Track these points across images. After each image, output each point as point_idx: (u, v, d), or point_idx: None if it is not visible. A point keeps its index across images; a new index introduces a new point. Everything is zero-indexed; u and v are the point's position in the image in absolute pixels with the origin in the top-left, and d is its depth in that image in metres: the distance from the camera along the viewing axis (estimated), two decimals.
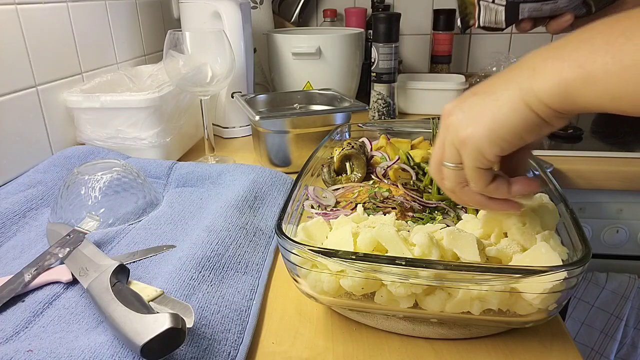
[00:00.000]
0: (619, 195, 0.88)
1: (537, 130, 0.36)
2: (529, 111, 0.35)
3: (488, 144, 0.37)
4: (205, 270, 0.51)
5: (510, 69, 0.38)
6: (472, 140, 0.37)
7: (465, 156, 0.38)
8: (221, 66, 0.82)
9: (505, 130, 0.36)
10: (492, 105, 0.36)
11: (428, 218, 0.58)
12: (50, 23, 0.83)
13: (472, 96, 0.39)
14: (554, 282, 0.38)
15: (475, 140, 0.37)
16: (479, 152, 0.37)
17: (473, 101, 0.38)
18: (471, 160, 0.38)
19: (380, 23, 1.03)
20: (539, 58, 0.35)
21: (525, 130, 0.36)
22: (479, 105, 0.37)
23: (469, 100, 0.39)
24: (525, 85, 0.35)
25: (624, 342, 0.96)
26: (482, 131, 0.37)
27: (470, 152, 0.38)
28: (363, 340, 0.45)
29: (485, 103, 0.37)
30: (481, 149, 0.37)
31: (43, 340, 0.42)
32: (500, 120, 0.36)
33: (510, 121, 0.36)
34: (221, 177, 0.74)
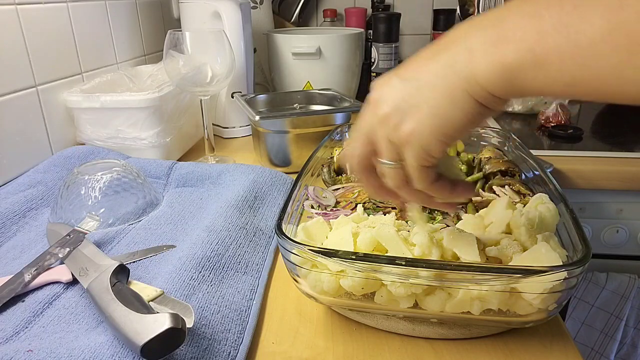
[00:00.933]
0: (619, 195, 0.88)
1: (480, 119, 0.33)
2: (472, 101, 0.32)
3: (434, 142, 0.33)
4: (205, 270, 0.51)
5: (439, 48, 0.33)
6: (416, 138, 0.34)
7: (409, 155, 0.35)
8: (221, 66, 0.82)
9: (450, 125, 0.33)
10: (430, 96, 0.33)
11: (428, 218, 0.58)
12: (50, 23, 0.83)
13: (403, 82, 0.34)
14: (554, 282, 0.38)
15: (419, 139, 0.33)
16: (424, 150, 0.34)
17: (406, 90, 0.34)
18: (416, 159, 0.35)
19: (380, 23, 1.03)
20: (475, 37, 0.31)
21: (470, 121, 0.33)
22: (415, 95, 0.33)
23: (400, 89, 0.34)
24: (464, 72, 0.31)
25: (624, 342, 0.96)
26: (426, 128, 0.33)
27: (415, 151, 0.34)
28: (363, 340, 0.45)
29: (421, 94, 0.33)
30: (427, 148, 0.34)
31: (43, 340, 0.42)
32: (444, 115, 0.32)
33: (454, 115, 0.32)
34: (221, 177, 0.74)
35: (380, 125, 0.35)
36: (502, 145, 0.72)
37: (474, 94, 0.31)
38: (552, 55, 0.27)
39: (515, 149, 0.68)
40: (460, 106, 0.32)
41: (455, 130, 0.33)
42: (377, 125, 0.36)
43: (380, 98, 0.35)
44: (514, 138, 0.69)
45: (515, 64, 0.29)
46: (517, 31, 0.28)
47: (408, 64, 0.35)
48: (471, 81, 0.31)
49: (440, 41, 0.34)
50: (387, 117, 0.34)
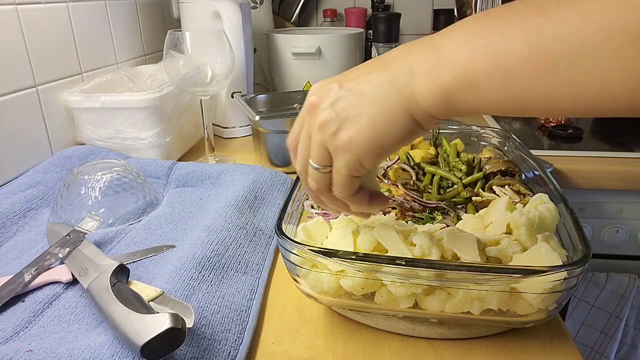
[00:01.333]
0: (619, 195, 0.88)
1: (414, 137, 0.35)
2: (410, 119, 0.33)
3: (369, 154, 0.35)
4: (205, 270, 0.51)
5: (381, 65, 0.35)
6: (352, 148, 0.34)
7: (341, 163, 0.36)
8: (221, 66, 0.82)
9: (387, 140, 0.34)
10: (370, 110, 0.34)
11: (428, 218, 0.58)
12: (50, 23, 0.83)
13: (344, 91, 0.35)
14: (554, 282, 0.38)
15: (356, 149, 0.34)
16: (358, 161, 0.35)
17: (347, 100, 0.35)
18: (348, 169, 0.36)
19: (380, 23, 1.03)
20: (416, 59, 0.33)
21: (405, 137, 0.34)
22: (355, 106, 0.34)
23: (340, 97, 0.35)
24: (406, 91, 0.33)
25: (624, 342, 0.96)
26: (363, 140, 0.34)
27: (348, 160, 0.35)
28: (363, 340, 0.45)
29: (362, 105, 0.34)
30: (361, 159, 0.35)
31: (43, 340, 0.42)
32: (382, 130, 0.34)
33: (392, 131, 0.34)
34: (221, 177, 0.74)
35: (318, 131, 0.36)
36: (502, 145, 0.72)
37: (413, 113, 0.33)
38: (482, 78, 0.30)
39: (515, 149, 0.68)
40: (399, 123, 0.34)
41: (390, 144, 0.35)
42: (315, 130, 0.36)
43: (320, 103, 0.36)
44: (514, 138, 0.69)
45: (451, 87, 0.31)
46: (452, 57, 0.31)
47: (349, 74, 0.36)
48: (412, 101, 0.33)
49: (381, 58, 0.36)
50: (325, 123, 0.35)
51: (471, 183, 0.64)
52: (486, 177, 0.64)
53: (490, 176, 0.64)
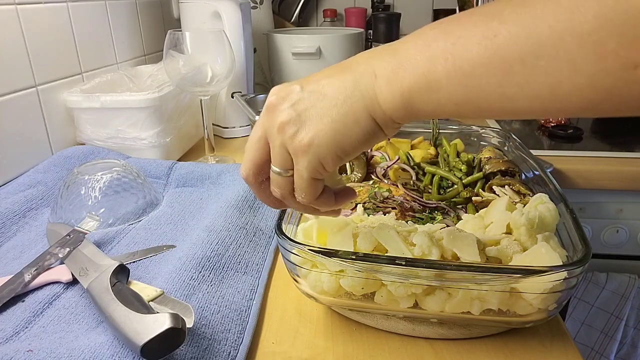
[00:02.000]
0: (619, 195, 0.88)
1: (374, 141, 0.35)
2: (372, 122, 0.34)
3: (331, 157, 0.34)
4: (205, 270, 0.51)
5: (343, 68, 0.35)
6: (313, 150, 0.34)
7: (303, 166, 0.35)
8: (221, 66, 0.82)
9: (348, 142, 0.34)
10: (332, 111, 0.33)
11: (428, 218, 0.58)
12: (50, 23, 0.83)
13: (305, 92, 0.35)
14: (554, 282, 0.38)
15: (317, 150, 0.34)
16: (319, 163, 0.35)
17: (309, 101, 0.34)
18: (309, 171, 0.35)
19: (380, 23, 1.03)
20: (378, 62, 0.33)
21: (367, 140, 0.34)
22: (317, 107, 0.34)
23: (302, 99, 0.35)
24: (369, 94, 0.33)
25: (624, 342, 0.96)
26: (324, 141, 0.34)
27: (309, 163, 0.35)
28: (363, 340, 0.45)
29: (324, 107, 0.34)
30: (323, 161, 0.34)
31: (43, 340, 0.42)
32: (345, 132, 0.33)
33: (354, 132, 0.34)
34: (221, 177, 0.74)
35: (278, 132, 0.35)
36: (502, 145, 0.72)
37: (376, 116, 0.33)
38: (441, 80, 0.30)
39: (515, 149, 0.68)
40: (362, 125, 0.34)
41: (352, 147, 0.34)
42: (274, 131, 0.35)
43: (280, 105, 0.35)
44: (514, 138, 0.69)
45: (412, 89, 0.31)
46: (412, 60, 0.31)
47: (311, 77, 0.36)
48: (374, 103, 0.33)
49: (343, 63, 0.36)
50: (285, 124, 0.34)
51: (471, 183, 0.64)
52: (486, 177, 0.64)
53: (490, 176, 0.64)
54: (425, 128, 0.78)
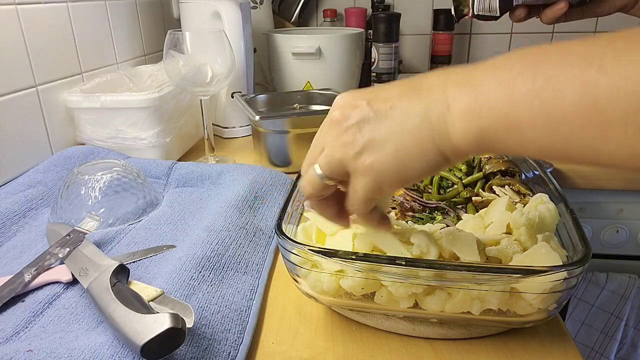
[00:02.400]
0: (619, 195, 0.88)
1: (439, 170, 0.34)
2: (438, 154, 0.32)
3: (389, 182, 0.34)
4: (205, 270, 0.51)
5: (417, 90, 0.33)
6: (373, 174, 0.33)
7: (360, 185, 0.35)
8: (221, 66, 0.82)
9: (410, 171, 0.33)
10: (397, 138, 0.32)
11: (428, 218, 0.58)
12: (50, 23, 0.83)
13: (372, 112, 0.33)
14: (554, 282, 0.38)
15: (376, 176, 0.33)
16: (377, 186, 0.34)
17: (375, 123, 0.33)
18: (365, 192, 0.35)
19: (380, 23, 1.03)
20: (453, 93, 0.31)
21: (430, 171, 0.33)
22: (382, 131, 0.33)
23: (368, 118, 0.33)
24: (439, 126, 0.31)
25: (624, 342, 0.96)
26: (386, 168, 0.33)
27: (367, 184, 0.34)
28: (363, 340, 0.45)
29: (389, 132, 0.33)
30: (381, 185, 0.34)
31: (43, 340, 0.42)
32: (407, 161, 0.32)
33: (417, 163, 0.32)
34: (221, 177, 0.74)
35: (339, 147, 0.34)
36: None
37: (443, 148, 0.32)
38: (525, 123, 0.28)
39: None
40: (427, 157, 0.32)
41: (414, 176, 0.34)
42: (336, 146, 0.35)
43: (345, 120, 0.34)
44: None
45: (489, 128, 0.29)
46: (492, 97, 0.29)
47: (380, 93, 0.35)
48: (444, 137, 0.31)
49: (416, 83, 0.34)
50: (348, 144, 0.34)
51: (471, 183, 0.64)
52: (486, 177, 0.64)
53: (490, 176, 0.64)
54: None
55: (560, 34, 1.46)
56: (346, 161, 0.34)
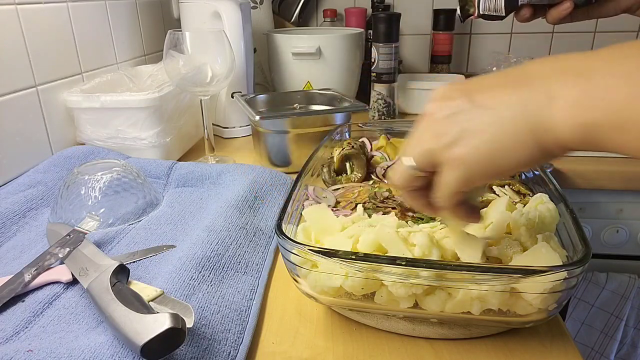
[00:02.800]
0: (619, 195, 0.88)
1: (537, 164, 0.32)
2: (537, 147, 0.30)
3: (480, 175, 0.32)
4: (205, 270, 0.51)
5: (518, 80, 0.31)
6: (464, 167, 0.32)
7: (449, 177, 0.34)
8: (221, 66, 0.82)
9: (504, 163, 0.31)
10: (493, 128, 0.31)
11: (428, 218, 0.58)
12: (50, 23, 0.83)
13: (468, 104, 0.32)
14: (554, 282, 0.38)
15: (468, 167, 0.32)
16: (467, 179, 0.33)
17: (470, 114, 0.32)
18: (455, 184, 0.34)
19: (380, 23, 1.03)
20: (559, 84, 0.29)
21: (526, 164, 0.31)
22: (476, 122, 0.32)
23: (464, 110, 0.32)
24: (538, 118, 0.29)
25: (624, 342, 0.96)
26: (477, 161, 0.32)
27: (457, 177, 0.33)
28: (363, 340, 0.45)
29: (484, 122, 0.31)
30: (472, 178, 0.33)
31: (43, 340, 0.42)
32: (502, 154, 0.31)
33: (513, 155, 0.31)
34: (221, 177, 0.74)
35: (431, 138, 0.34)
36: None
37: (542, 141, 0.30)
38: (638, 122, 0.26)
39: None
40: (523, 149, 0.30)
41: (507, 169, 0.32)
42: (428, 136, 0.34)
43: (439, 112, 0.33)
44: None
45: (599, 124, 0.27)
46: (605, 92, 0.27)
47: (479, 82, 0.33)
48: (546, 130, 0.29)
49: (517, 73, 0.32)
50: (442, 134, 0.33)
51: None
52: None
53: None
54: None
55: (560, 34, 1.46)
56: (437, 152, 0.33)
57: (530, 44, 1.49)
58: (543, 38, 1.48)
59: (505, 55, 1.31)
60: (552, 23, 0.66)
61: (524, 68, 0.32)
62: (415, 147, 0.35)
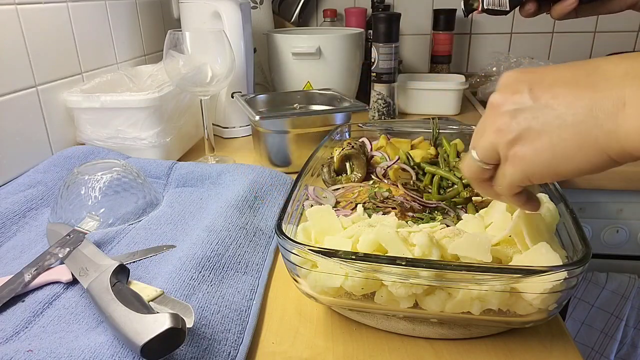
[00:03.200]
0: (619, 195, 0.88)
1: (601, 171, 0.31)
2: (601, 155, 0.29)
3: (540, 175, 0.32)
4: (205, 270, 0.51)
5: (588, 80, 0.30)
6: (524, 166, 0.32)
7: (509, 172, 0.34)
8: (221, 66, 0.82)
9: (565, 168, 0.31)
10: (556, 132, 0.30)
11: (428, 218, 0.58)
12: (50, 23, 0.83)
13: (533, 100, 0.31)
14: (554, 282, 0.38)
15: (528, 167, 0.32)
16: (527, 177, 0.33)
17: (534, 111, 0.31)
18: (513, 179, 0.34)
19: (380, 23, 1.03)
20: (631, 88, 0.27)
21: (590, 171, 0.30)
22: (540, 120, 0.31)
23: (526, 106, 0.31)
24: (607, 125, 0.28)
25: (624, 342, 0.96)
26: (538, 161, 0.31)
27: (517, 173, 0.33)
28: (363, 340, 0.45)
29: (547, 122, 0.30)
30: (531, 177, 0.33)
31: (43, 340, 0.42)
32: (564, 158, 0.30)
33: (575, 162, 0.30)
34: (221, 177, 0.74)
35: (494, 132, 0.33)
36: None
37: (609, 150, 0.29)
38: None
39: None
40: (586, 156, 0.29)
41: (568, 173, 0.31)
42: (490, 131, 0.34)
43: (503, 105, 0.33)
44: None
45: None
46: None
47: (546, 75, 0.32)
48: (612, 137, 0.28)
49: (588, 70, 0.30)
50: (504, 130, 0.32)
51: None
52: None
53: None
54: (425, 128, 0.78)
55: (561, 34, 1.46)
56: (499, 147, 0.33)
57: (531, 44, 1.49)
58: (543, 38, 1.48)
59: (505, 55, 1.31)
60: (557, 18, 0.65)
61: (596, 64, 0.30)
62: (479, 140, 0.36)
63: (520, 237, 0.43)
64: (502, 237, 0.44)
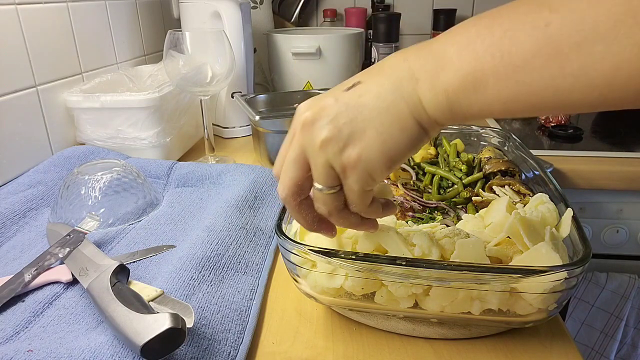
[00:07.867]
0: (619, 195, 0.88)
1: (420, 145, 0.34)
2: (418, 127, 0.32)
3: (379, 168, 0.33)
4: (205, 270, 0.51)
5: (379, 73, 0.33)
6: (362, 165, 0.33)
7: (353, 180, 0.34)
8: (221, 66, 0.82)
9: (397, 150, 0.33)
10: (376, 121, 0.32)
11: (428, 218, 0.58)
12: (50, 23, 0.83)
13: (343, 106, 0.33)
14: (554, 282, 0.38)
15: (365, 165, 0.33)
16: (369, 176, 0.34)
17: (348, 114, 0.33)
18: (360, 184, 0.34)
19: (380, 23, 1.03)
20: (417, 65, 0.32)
21: (414, 146, 0.33)
22: (359, 120, 0.32)
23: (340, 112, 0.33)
24: (412, 99, 0.32)
25: (624, 342, 0.96)
26: (374, 154, 0.32)
27: (360, 177, 0.33)
28: (363, 340, 0.45)
29: (366, 118, 0.32)
30: (373, 173, 0.33)
31: (43, 340, 0.42)
32: (392, 141, 0.32)
33: (401, 140, 0.32)
34: (221, 177, 0.74)
35: (320, 150, 0.33)
36: (502, 145, 0.72)
37: (421, 120, 0.32)
38: (489, 78, 0.29)
39: (515, 149, 0.68)
40: (408, 132, 0.32)
41: (400, 155, 0.33)
42: (316, 150, 0.33)
43: (318, 121, 0.33)
44: (514, 138, 0.69)
45: (457, 90, 0.30)
46: (456, 60, 0.30)
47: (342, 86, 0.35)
48: (419, 109, 0.32)
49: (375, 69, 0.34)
50: (328, 141, 0.33)
51: (471, 183, 0.64)
52: (486, 177, 0.64)
53: (490, 176, 0.64)
54: None
55: None
56: (333, 161, 0.33)
57: None
58: None
59: None
60: None
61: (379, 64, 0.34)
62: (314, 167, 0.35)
63: (519, 237, 0.43)
64: (500, 239, 0.44)
